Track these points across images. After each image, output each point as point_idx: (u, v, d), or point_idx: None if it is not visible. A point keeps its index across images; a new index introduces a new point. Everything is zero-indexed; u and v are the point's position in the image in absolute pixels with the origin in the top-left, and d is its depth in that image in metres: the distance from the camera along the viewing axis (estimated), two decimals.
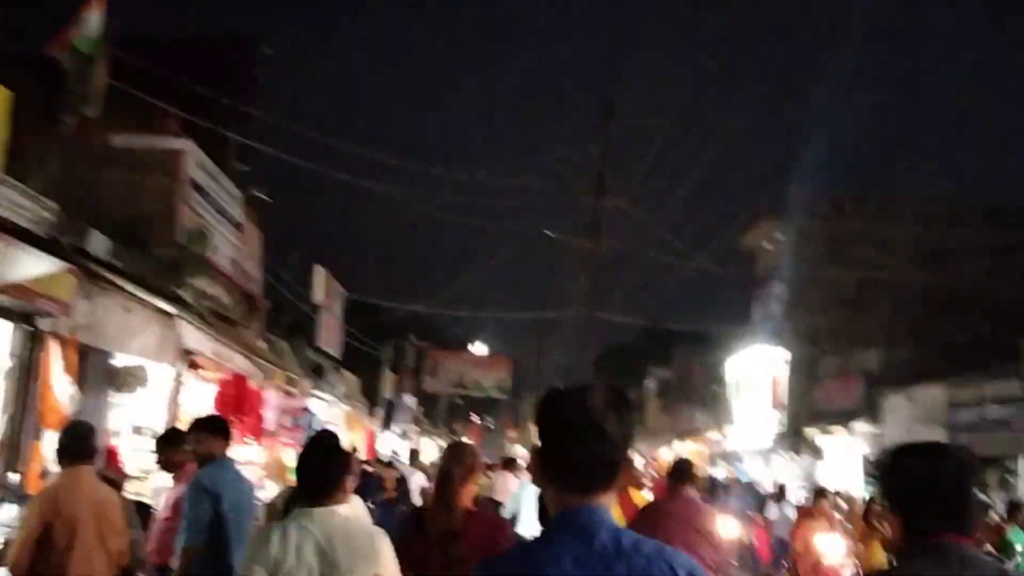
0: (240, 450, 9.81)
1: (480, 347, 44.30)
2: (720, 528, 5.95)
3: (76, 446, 5.05)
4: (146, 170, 11.37)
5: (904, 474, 2.24)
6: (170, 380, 9.32)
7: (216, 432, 5.34)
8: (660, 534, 3.36)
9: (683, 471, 5.83)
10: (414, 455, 23.77)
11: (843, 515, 11.74)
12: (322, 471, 3.51)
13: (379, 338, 28.80)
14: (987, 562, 2.16)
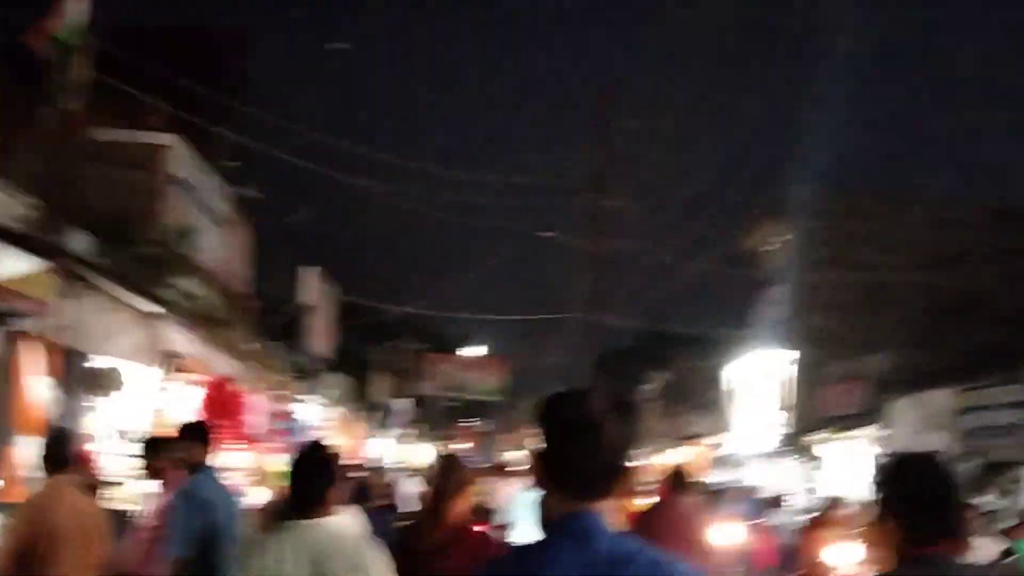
0: (226, 456, 9.64)
1: (476, 350, 44.15)
2: (719, 535, 5.96)
3: (58, 454, 4.93)
4: (130, 166, 11.17)
5: (897, 485, 2.35)
6: (153, 383, 9.09)
7: (199, 439, 5.28)
8: (653, 540, 3.34)
9: (677, 479, 5.93)
10: (407, 461, 23.55)
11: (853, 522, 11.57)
12: (310, 483, 3.49)
13: (372, 340, 28.62)
14: (976, 570, 2.36)
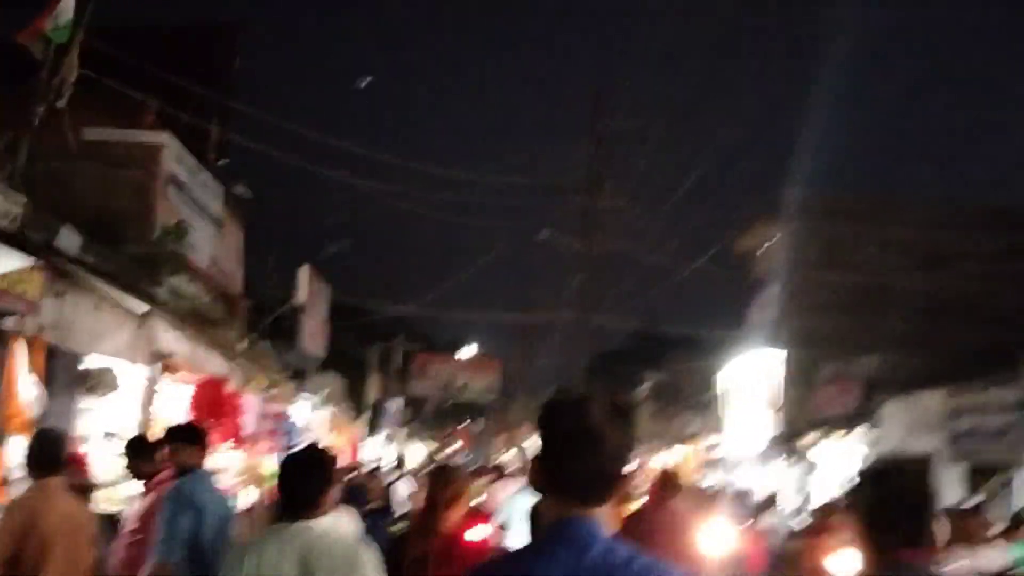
0: (217, 457, 9.57)
1: (469, 350, 44.06)
2: (709, 539, 5.93)
3: (48, 456, 4.81)
4: (121, 164, 11.11)
5: (867, 492, 2.44)
6: (143, 383, 8.97)
7: (193, 441, 5.19)
8: (642, 544, 3.32)
9: (668, 482, 5.88)
10: (400, 460, 23.47)
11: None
12: (302, 484, 3.48)
13: (365, 340, 28.51)
14: None
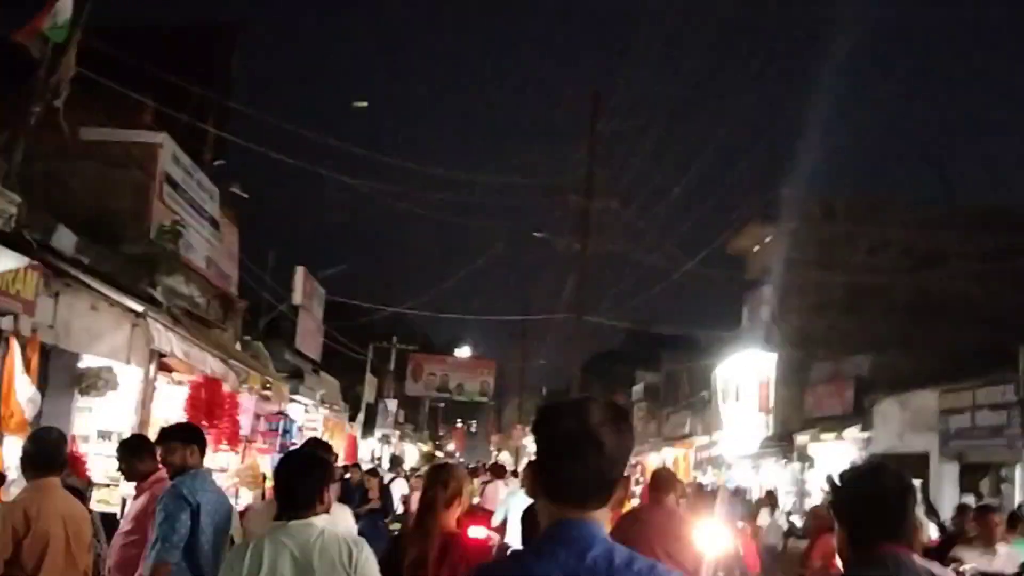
0: (214, 457, 9.56)
1: (464, 350, 44.08)
2: (705, 537, 5.91)
3: (44, 456, 4.76)
4: (117, 163, 11.09)
5: (851, 492, 2.56)
6: (139, 383, 8.95)
7: (189, 441, 5.13)
8: (637, 543, 3.41)
9: (662, 481, 5.84)
10: (395, 461, 23.44)
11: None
12: (298, 484, 3.47)
13: (360, 341, 28.47)
14: (921, 568, 2.45)
